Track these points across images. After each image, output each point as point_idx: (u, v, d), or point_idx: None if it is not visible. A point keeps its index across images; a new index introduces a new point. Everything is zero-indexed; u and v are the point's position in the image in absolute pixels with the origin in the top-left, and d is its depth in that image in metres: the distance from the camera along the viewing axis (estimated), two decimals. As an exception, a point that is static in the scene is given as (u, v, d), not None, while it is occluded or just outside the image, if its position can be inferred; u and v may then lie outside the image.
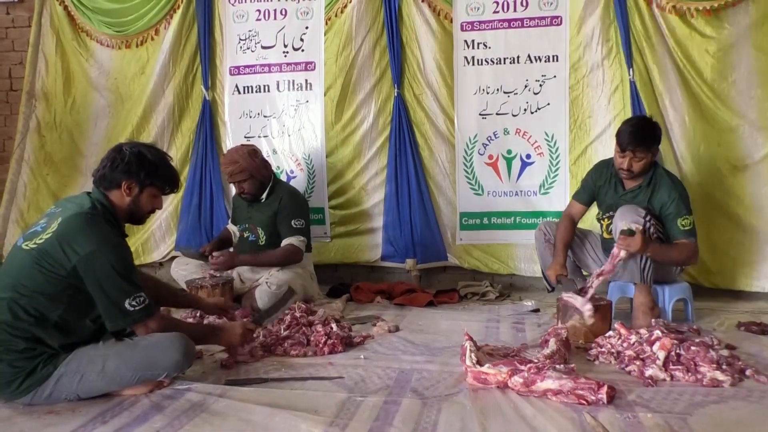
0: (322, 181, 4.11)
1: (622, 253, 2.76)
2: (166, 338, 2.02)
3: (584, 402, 1.93)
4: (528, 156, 3.89)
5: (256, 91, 4.18)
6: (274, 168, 4.03)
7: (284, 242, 3.48)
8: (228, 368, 2.32)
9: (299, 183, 4.10)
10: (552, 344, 2.37)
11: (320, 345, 2.52)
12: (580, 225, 3.36)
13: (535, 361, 2.18)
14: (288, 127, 4.15)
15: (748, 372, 2.18)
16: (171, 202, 4.28)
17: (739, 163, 3.51)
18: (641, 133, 2.90)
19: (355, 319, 3.13)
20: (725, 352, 2.32)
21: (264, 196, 3.57)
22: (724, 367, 2.17)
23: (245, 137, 4.17)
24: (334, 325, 2.64)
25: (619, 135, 2.96)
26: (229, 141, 4.19)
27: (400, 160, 3.96)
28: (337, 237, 4.13)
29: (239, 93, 4.19)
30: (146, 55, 4.24)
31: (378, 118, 4.00)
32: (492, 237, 3.96)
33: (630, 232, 2.74)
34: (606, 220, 3.18)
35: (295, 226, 3.48)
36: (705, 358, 2.19)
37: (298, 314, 2.77)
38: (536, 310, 3.33)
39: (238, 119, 4.20)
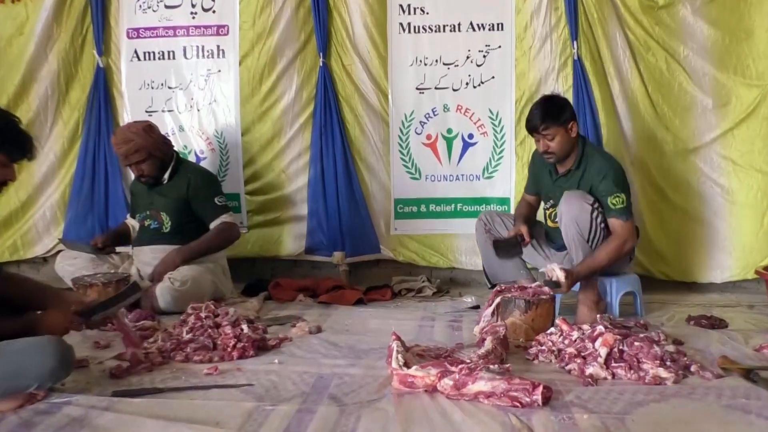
0: (236, 163, 4.07)
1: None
2: (36, 342, 1.94)
3: (518, 404, 1.99)
4: (470, 136, 3.97)
5: (159, 58, 4.09)
6: (180, 147, 3.99)
7: (214, 224, 3.49)
8: (118, 377, 2.27)
9: (210, 165, 4.06)
10: (488, 343, 2.44)
11: (228, 349, 2.49)
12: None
13: (468, 361, 2.24)
14: (197, 100, 4.09)
15: (693, 368, 2.30)
16: (57, 187, 4.15)
17: (689, 145, 3.71)
18: (541, 109, 3.07)
19: (273, 319, 3.13)
20: (671, 348, 2.44)
21: (166, 176, 3.51)
22: (668, 363, 2.29)
23: (146, 111, 4.09)
24: (245, 327, 2.63)
25: (525, 122, 3.14)
26: (128, 115, 4.10)
27: (326, 139, 3.96)
28: (255, 227, 4.11)
29: (139, 59, 4.09)
30: (25, 13, 4.05)
31: (301, 91, 3.98)
32: (430, 226, 4.03)
33: (554, 284, 2.87)
34: (550, 209, 3.29)
35: (219, 203, 3.52)
36: (648, 355, 2.31)
37: (203, 314, 2.74)
38: (476, 307, 3.41)
39: (137, 90, 4.11)
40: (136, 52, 4.09)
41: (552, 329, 2.64)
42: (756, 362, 2.41)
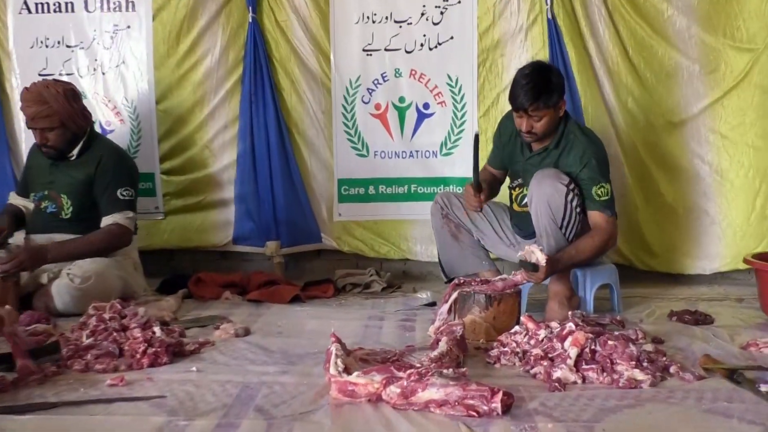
0: (150, 137, 4.03)
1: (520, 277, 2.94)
2: None
3: (474, 413, 2.01)
4: (426, 105, 3.99)
5: (55, 10, 4.02)
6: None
7: (106, 220, 3.40)
8: (2, 392, 2.22)
9: (119, 139, 3.96)
10: (442, 344, 2.46)
11: (137, 356, 2.47)
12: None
13: (418, 366, 2.26)
14: (102, 61, 4.04)
15: (672, 369, 2.37)
16: (-72, 166, 4.03)
17: (675, 118, 3.82)
18: (535, 87, 3.02)
19: (193, 320, 3.12)
20: (649, 347, 2.51)
21: (75, 152, 3.45)
22: (645, 364, 2.35)
23: (40, 75, 3.99)
24: (157, 329, 2.61)
25: (510, 92, 3.11)
26: (16, 79, 4.03)
27: (257, 108, 3.94)
28: (173, 213, 4.08)
29: (29, 12, 4.02)
30: None
31: (227, 52, 3.96)
32: (380, 211, 4.06)
33: (532, 267, 2.88)
34: (516, 189, 3.33)
35: (122, 197, 3.42)
36: (623, 355, 2.36)
37: (107, 316, 2.70)
38: (432, 304, 3.45)
39: (29, 49, 4.04)
40: (26, 2, 3.99)
41: (516, 328, 2.68)
42: (741, 362, 2.49)
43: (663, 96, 3.83)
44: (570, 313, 2.83)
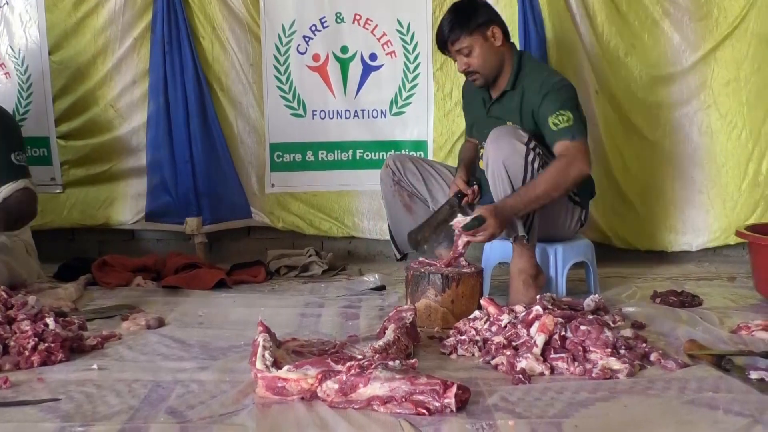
0: (43, 95, 3.99)
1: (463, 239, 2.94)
2: None
3: (424, 411, 2.02)
4: (373, 56, 4.00)
5: None
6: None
7: (4, 189, 3.31)
8: None
9: (5, 97, 3.92)
10: (389, 333, 2.47)
11: (26, 352, 2.43)
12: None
13: (360, 357, 2.26)
14: (-21, 2, 3.96)
15: (652, 357, 2.42)
16: None
17: (660, 71, 3.89)
18: (447, 19, 3.19)
19: (96, 311, 3.11)
20: (628, 333, 2.56)
21: None
22: (622, 352, 2.39)
23: None
24: (50, 321, 2.57)
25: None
26: None
27: (171, 60, 3.91)
28: (74, 185, 4.06)
29: None
30: None
31: (134, -8, 3.91)
32: (320, 181, 4.07)
33: (477, 223, 2.85)
34: (482, 149, 3.34)
35: (18, 162, 3.36)
36: (597, 342, 2.39)
37: (-11, 305, 2.65)
38: (380, 288, 3.46)
39: None
40: None
41: (476, 313, 2.70)
42: (730, 347, 2.55)
43: (648, 46, 3.88)
44: (538, 295, 2.85)
